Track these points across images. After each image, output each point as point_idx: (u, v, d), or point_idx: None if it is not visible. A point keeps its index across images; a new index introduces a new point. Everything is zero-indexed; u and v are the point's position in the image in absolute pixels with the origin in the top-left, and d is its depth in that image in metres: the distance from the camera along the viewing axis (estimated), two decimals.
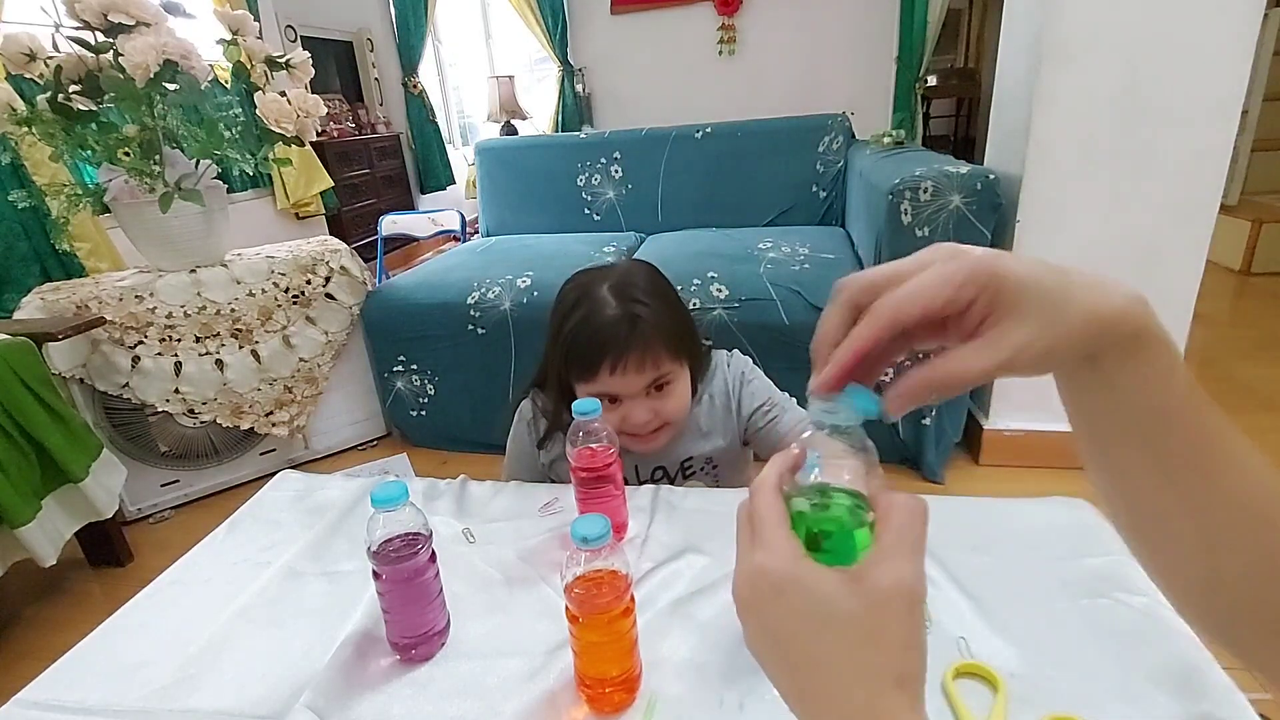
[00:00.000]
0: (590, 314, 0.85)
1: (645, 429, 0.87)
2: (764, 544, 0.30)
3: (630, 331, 0.83)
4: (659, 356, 0.85)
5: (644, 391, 0.86)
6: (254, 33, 1.75)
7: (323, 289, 2.02)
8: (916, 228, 1.63)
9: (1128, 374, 0.30)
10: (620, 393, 0.86)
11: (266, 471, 1.97)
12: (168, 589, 0.75)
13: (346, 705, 0.57)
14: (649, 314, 0.84)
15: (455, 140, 5.69)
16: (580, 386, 0.88)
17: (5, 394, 1.37)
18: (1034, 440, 1.83)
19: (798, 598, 0.29)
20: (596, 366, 0.84)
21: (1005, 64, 1.80)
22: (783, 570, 0.29)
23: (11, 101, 1.52)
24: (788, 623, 0.29)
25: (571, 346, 0.86)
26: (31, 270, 2.06)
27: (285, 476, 0.95)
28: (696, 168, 2.76)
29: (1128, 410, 0.31)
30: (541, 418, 0.98)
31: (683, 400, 0.89)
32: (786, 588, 0.29)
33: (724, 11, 4.89)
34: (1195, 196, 1.60)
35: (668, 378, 0.87)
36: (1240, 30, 1.47)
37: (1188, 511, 0.32)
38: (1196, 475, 0.31)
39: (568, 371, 0.88)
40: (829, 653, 0.28)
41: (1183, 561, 0.33)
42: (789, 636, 0.29)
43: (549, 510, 0.83)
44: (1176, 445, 0.31)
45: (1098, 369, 0.31)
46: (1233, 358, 2.49)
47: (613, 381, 0.85)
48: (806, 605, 0.29)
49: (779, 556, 0.30)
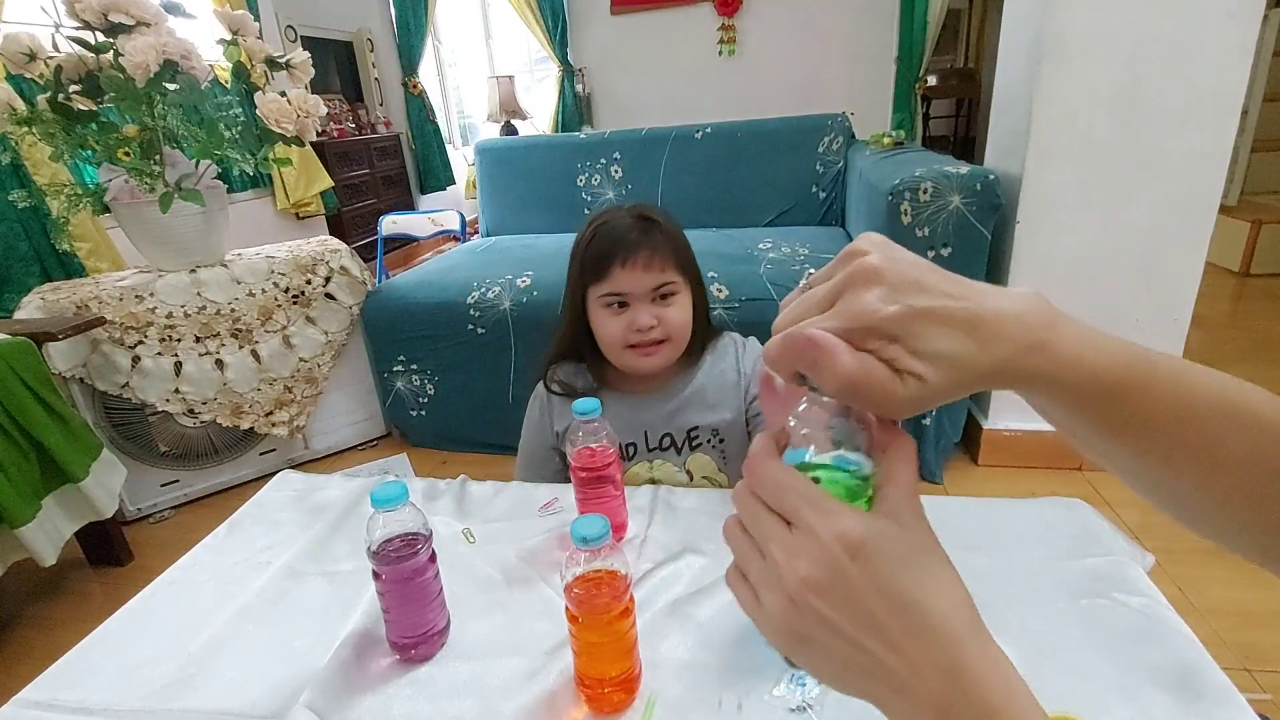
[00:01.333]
0: (606, 224, 0.94)
1: (649, 335, 0.91)
2: (821, 510, 0.28)
3: (642, 235, 0.91)
4: (666, 262, 0.92)
5: (650, 297, 0.92)
6: (254, 33, 1.75)
7: (323, 289, 2.02)
8: (916, 228, 1.63)
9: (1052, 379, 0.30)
10: (629, 290, 0.91)
11: (266, 471, 1.97)
12: (168, 589, 0.75)
13: (346, 705, 0.57)
14: (661, 222, 0.94)
15: (455, 140, 5.70)
16: (592, 290, 0.94)
17: (5, 394, 1.37)
18: (1033, 440, 1.83)
19: (888, 546, 0.27)
20: (609, 263, 0.91)
21: (1005, 64, 1.80)
22: (856, 529, 0.27)
23: (11, 101, 1.53)
24: (882, 575, 0.27)
25: (588, 255, 0.94)
26: (31, 270, 2.06)
27: (285, 476, 0.96)
28: (696, 168, 2.76)
29: (1087, 409, 0.31)
30: (556, 388, 1.02)
31: (684, 316, 0.94)
32: (867, 543, 0.27)
33: (724, 12, 4.89)
34: (1195, 197, 1.60)
35: (673, 288, 0.93)
36: (1240, 30, 1.47)
37: (1213, 485, 0.31)
38: (1200, 448, 0.31)
39: (583, 280, 0.95)
40: (932, 584, 0.27)
41: (1240, 528, 0.33)
42: (885, 589, 0.27)
43: (549, 510, 0.83)
44: (1161, 421, 0.31)
45: (1036, 386, 0.31)
46: (1231, 359, 2.49)
47: (622, 276, 0.91)
48: (896, 549, 0.27)
49: (842, 519, 0.27)
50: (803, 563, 0.27)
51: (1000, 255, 1.74)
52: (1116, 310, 1.71)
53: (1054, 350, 0.29)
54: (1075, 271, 1.70)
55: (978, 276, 1.82)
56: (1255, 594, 1.39)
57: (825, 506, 0.28)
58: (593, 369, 0.99)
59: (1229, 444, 0.31)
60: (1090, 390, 0.30)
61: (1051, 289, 1.81)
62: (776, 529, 0.29)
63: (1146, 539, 1.54)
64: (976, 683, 0.26)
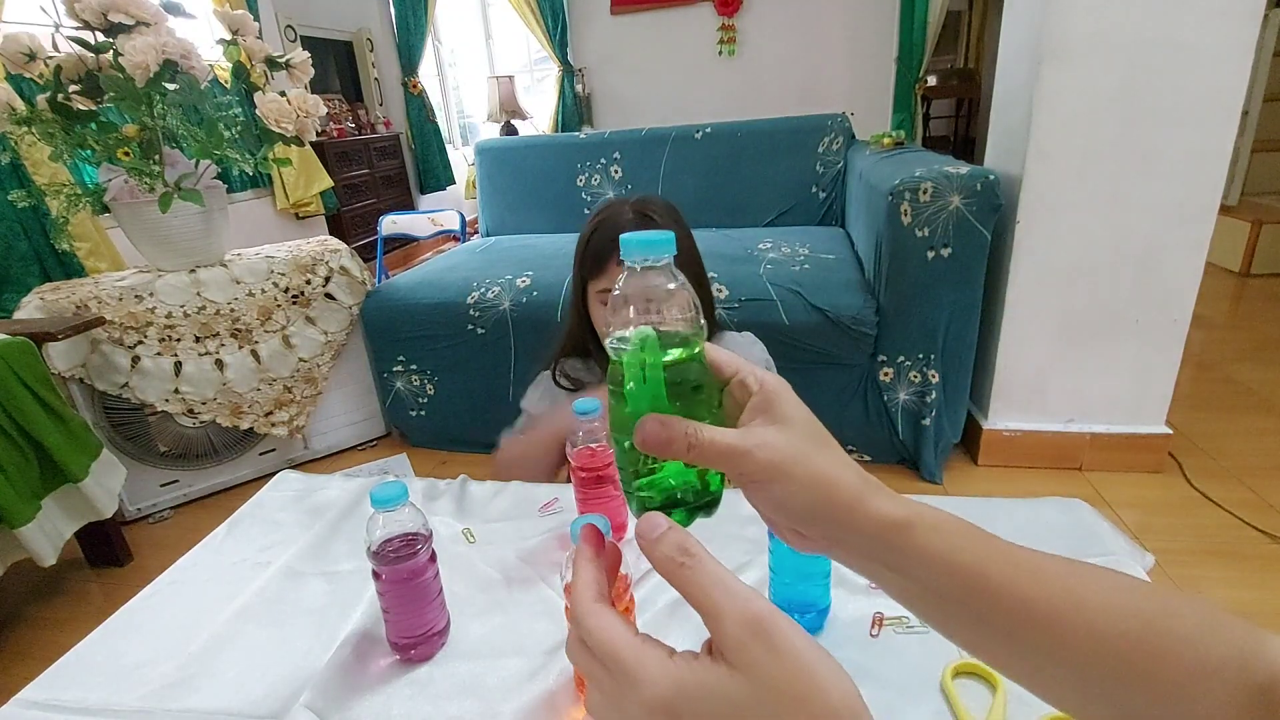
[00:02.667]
0: (607, 219, 0.96)
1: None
2: (629, 682, 0.26)
3: (640, 228, 0.90)
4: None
5: None
6: (254, 32, 1.75)
7: (322, 289, 2.02)
8: (916, 228, 1.63)
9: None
10: None
11: (266, 471, 1.97)
12: (167, 589, 0.75)
13: (346, 705, 0.57)
14: (661, 220, 0.95)
15: (455, 140, 5.70)
16: (591, 284, 0.96)
17: (5, 394, 1.37)
18: (1033, 441, 1.83)
19: (700, 704, 0.25)
20: (606, 259, 0.93)
21: (1005, 64, 1.80)
22: (661, 697, 0.25)
23: (11, 101, 1.52)
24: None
25: (588, 248, 0.96)
26: (31, 270, 2.06)
27: (285, 476, 0.95)
28: (696, 168, 2.76)
29: (924, 583, 0.31)
30: (565, 383, 1.03)
31: None
32: (679, 705, 0.25)
33: (724, 11, 4.89)
34: (1195, 197, 1.60)
35: None
36: (1240, 30, 1.47)
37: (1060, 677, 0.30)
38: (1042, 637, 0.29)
39: (583, 272, 0.97)
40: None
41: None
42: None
43: (549, 510, 0.83)
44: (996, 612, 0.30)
45: (855, 553, 0.32)
46: (1232, 359, 2.49)
47: (618, 273, 0.88)
48: (711, 706, 0.25)
49: (647, 689, 0.26)
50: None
51: (1000, 255, 1.74)
52: (1116, 310, 1.71)
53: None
54: (1075, 271, 1.70)
55: (978, 276, 1.82)
56: (1255, 594, 1.39)
57: (631, 671, 0.26)
58: (599, 363, 1.00)
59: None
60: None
61: (1051, 289, 1.81)
62: (598, 693, 0.28)
63: (1146, 539, 1.54)
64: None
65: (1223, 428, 1.97)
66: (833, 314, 1.73)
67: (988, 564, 0.30)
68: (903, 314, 1.72)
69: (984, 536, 0.31)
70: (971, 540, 0.31)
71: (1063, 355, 1.78)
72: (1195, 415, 2.01)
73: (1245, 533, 1.56)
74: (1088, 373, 1.78)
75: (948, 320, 1.71)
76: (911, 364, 1.75)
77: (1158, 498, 1.71)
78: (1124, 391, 1.78)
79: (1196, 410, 2.05)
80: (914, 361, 1.75)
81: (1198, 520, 1.61)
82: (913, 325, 1.72)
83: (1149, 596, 0.29)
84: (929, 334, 1.72)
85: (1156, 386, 1.77)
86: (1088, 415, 1.82)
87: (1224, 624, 0.28)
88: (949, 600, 0.31)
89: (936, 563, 0.30)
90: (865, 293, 1.80)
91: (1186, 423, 1.92)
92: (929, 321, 1.71)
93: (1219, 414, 2.06)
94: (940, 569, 0.30)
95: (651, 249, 0.32)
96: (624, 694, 0.27)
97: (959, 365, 1.76)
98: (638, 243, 0.32)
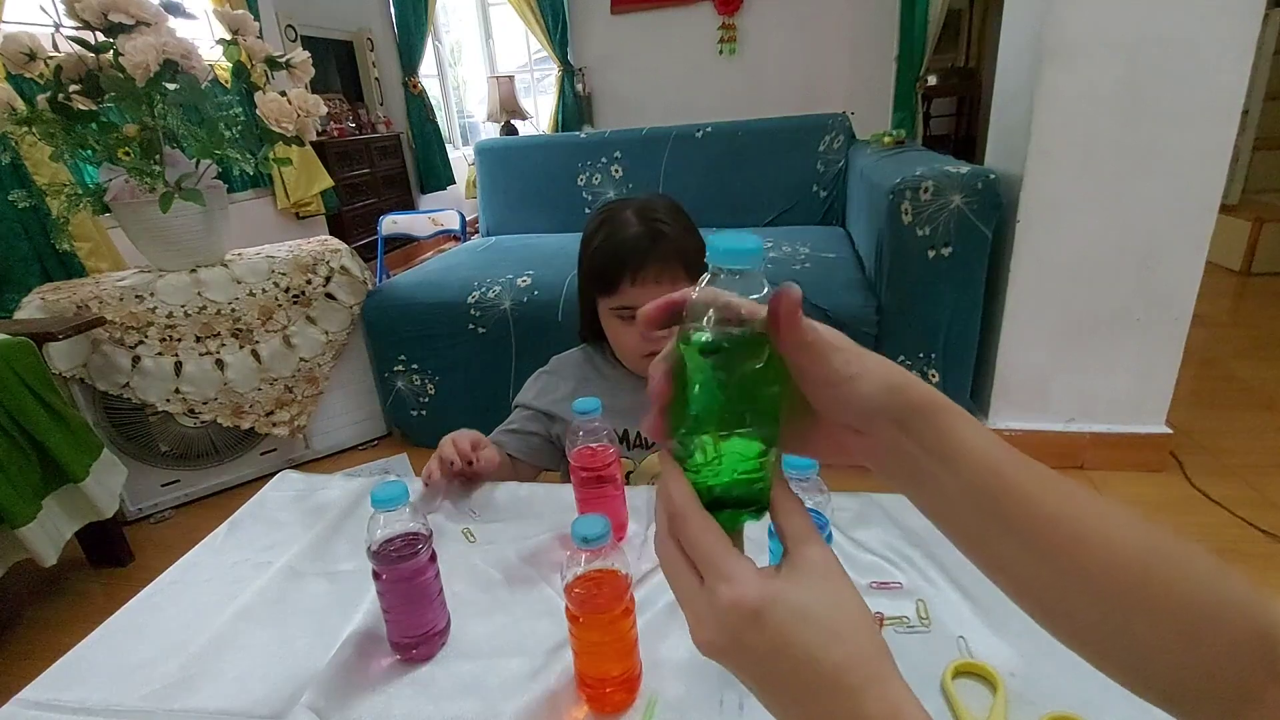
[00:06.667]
0: (613, 232, 0.92)
1: (664, 344, 0.92)
2: (722, 576, 0.29)
3: (651, 245, 0.89)
4: (677, 274, 0.90)
5: None
6: (254, 32, 1.75)
7: (323, 289, 2.02)
8: (917, 227, 1.63)
9: (943, 433, 0.31)
10: (639, 304, 0.90)
11: (267, 471, 1.97)
12: (168, 589, 0.75)
13: (347, 705, 0.57)
14: (669, 231, 0.91)
15: (455, 140, 5.70)
16: (602, 301, 0.94)
17: (5, 394, 1.37)
18: (1033, 440, 1.83)
19: (782, 608, 0.28)
20: (618, 279, 0.90)
21: (1005, 64, 1.80)
22: (751, 596, 0.28)
23: (11, 101, 1.53)
24: (779, 637, 0.28)
25: (595, 262, 0.93)
26: (32, 270, 2.06)
27: (285, 476, 0.95)
28: (697, 167, 2.76)
29: (964, 478, 0.31)
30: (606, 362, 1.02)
31: None
32: (763, 610, 0.28)
33: (724, 11, 4.89)
34: (1195, 196, 1.60)
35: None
36: (1240, 30, 1.47)
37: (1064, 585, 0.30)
38: (1060, 545, 0.30)
39: (591, 288, 0.94)
40: (829, 639, 0.28)
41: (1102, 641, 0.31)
42: (781, 650, 0.28)
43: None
44: (1019, 511, 0.30)
45: (909, 434, 0.32)
46: (1232, 358, 2.49)
47: (632, 293, 0.90)
48: (791, 608, 0.28)
49: (739, 586, 0.28)
50: (704, 630, 0.30)
51: (1000, 254, 1.74)
52: (1117, 309, 1.71)
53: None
54: (1075, 270, 1.70)
55: (979, 275, 1.81)
56: None
57: (727, 571, 0.29)
58: (613, 353, 1.01)
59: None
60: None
61: (1052, 288, 1.81)
62: (686, 588, 0.31)
63: None
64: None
65: (1224, 426, 1.97)
66: (833, 313, 1.73)
67: (1016, 469, 0.31)
68: (903, 313, 1.72)
69: (1006, 444, 0.31)
70: (998, 444, 0.31)
71: (1063, 354, 1.78)
72: (1196, 414, 2.00)
73: (1246, 532, 1.56)
74: (1088, 371, 1.78)
75: (948, 319, 1.71)
76: (912, 363, 1.75)
77: (1159, 497, 1.71)
78: (1125, 390, 1.78)
79: (1197, 409, 2.04)
80: (915, 361, 1.75)
81: (1199, 519, 1.61)
82: (913, 324, 1.72)
83: (1165, 536, 0.30)
84: (930, 333, 1.72)
85: (1157, 385, 1.76)
86: (1089, 414, 1.82)
87: (1233, 574, 0.29)
88: (983, 495, 0.31)
89: (973, 453, 0.31)
90: (866, 292, 1.80)
91: (1187, 421, 1.92)
92: (930, 320, 1.71)
93: (1220, 412, 2.06)
94: (973, 461, 0.31)
95: (742, 259, 0.32)
96: (717, 591, 0.29)
97: (960, 364, 1.76)
98: (728, 252, 0.32)
